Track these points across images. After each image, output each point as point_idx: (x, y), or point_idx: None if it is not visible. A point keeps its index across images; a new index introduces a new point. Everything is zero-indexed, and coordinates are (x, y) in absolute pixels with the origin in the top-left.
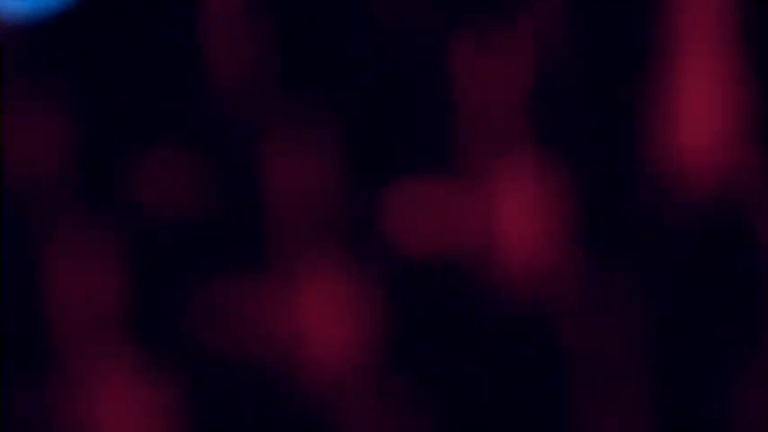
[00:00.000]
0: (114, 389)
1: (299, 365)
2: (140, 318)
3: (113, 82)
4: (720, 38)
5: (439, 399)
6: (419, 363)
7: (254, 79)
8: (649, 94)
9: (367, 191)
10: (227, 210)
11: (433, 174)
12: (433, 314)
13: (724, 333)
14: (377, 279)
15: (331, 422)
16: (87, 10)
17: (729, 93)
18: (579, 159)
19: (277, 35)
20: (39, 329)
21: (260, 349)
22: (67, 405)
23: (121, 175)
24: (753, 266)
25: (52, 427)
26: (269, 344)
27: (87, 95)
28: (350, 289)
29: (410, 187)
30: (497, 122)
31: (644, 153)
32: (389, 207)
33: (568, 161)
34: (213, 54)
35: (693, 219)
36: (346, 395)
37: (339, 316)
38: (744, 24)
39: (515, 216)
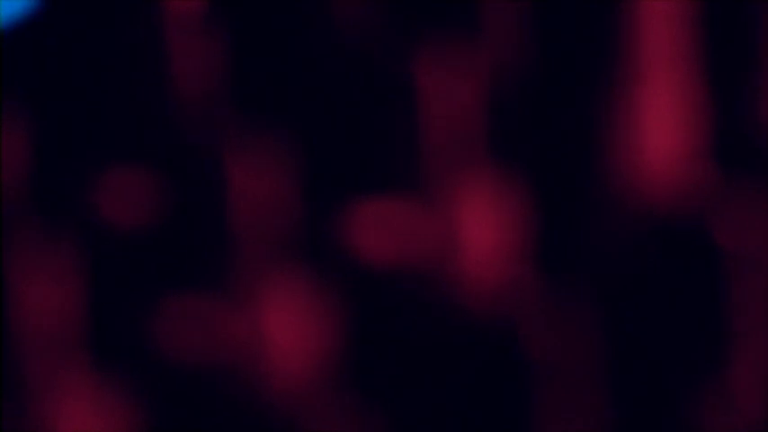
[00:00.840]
0: (74, 406)
1: (261, 380)
2: (100, 334)
3: (72, 96)
4: (681, 53)
5: (401, 411)
6: (381, 376)
7: (214, 95)
8: (609, 110)
9: (327, 205)
10: (187, 224)
11: (393, 188)
12: (395, 328)
13: (684, 347)
14: (338, 293)
15: None
16: (48, 24)
17: (689, 108)
18: (538, 174)
19: (237, 51)
20: None
21: (222, 364)
22: (26, 422)
23: (80, 191)
24: (712, 281)
25: None
26: (231, 358)
27: (46, 110)
28: (311, 303)
29: (371, 202)
30: (457, 138)
31: (603, 168)
32: (350, 221)
33: (528, 176)
34: (172, 69)
35: (653, 233)
36: (309, 408)
37: (301, 330)
38: (704, 40)
39: (476, 230)
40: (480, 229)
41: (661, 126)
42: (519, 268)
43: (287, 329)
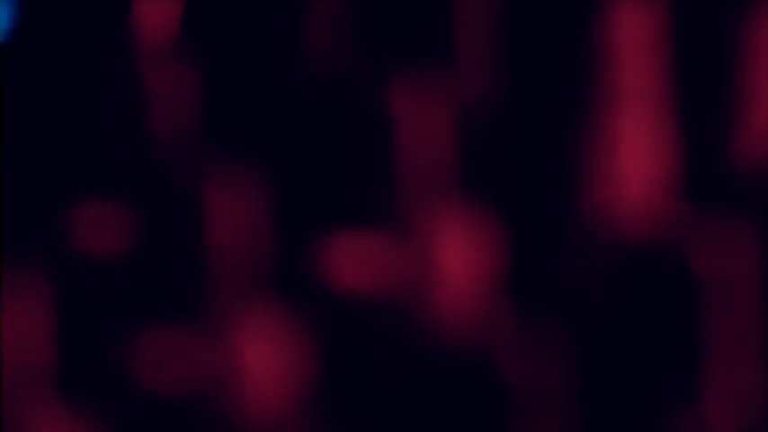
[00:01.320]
0: None
1: (236, 410)
2: (72, 366)
3: (45, 127)
4: (654, 83)
5: None
6: (355, 406)
7: (188, 128)
8: (583, 141)
9: (302, 237)
10: (162, 256)
11: (367, 220)
12: (369, 358)
13: (658, 376)
14: (313, 324)
15: None
16: (21, 55)
17: (662, 144)
18: (512, 206)
19: (210, 83)
20: None
21: (196, 394)
22: None
23: (54, 222)
24: (684, 314)
25: None
26: (205, 389)
27: (19, 141)
28: (286, 334)
29: (345, 234)
30: (431, 169)
31: (577, 199)
32: (324, 253)
33: (502, 207)
34: (145, 102)
35: (626, 263)
36: None
37: (276, 361)
38: (678, 71)
39: (449, 261)
40: (453, 261)
41: (635, 156)
42: (493, 299)
43: (262, 360)
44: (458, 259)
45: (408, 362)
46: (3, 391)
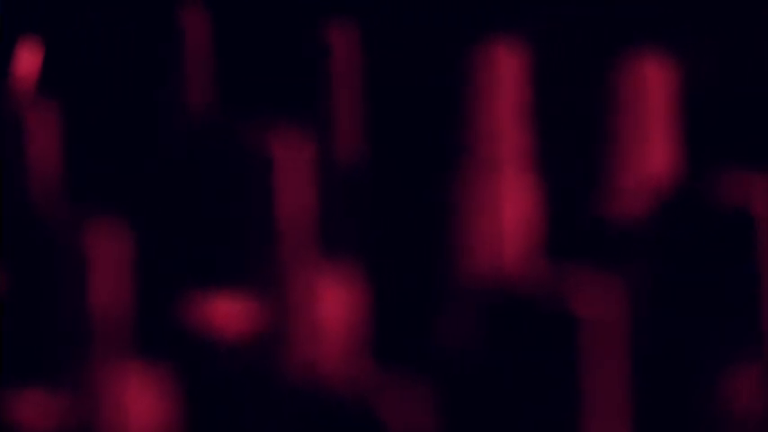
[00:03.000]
0: None
1: None
2: None
3: None
4: (525, 148)
5: None
6: None
7: (47, 191)
8: (451, 207)
9: (167, 292)
10: (26, 314)
11: (233, 276)
12: (233, 414)
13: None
14: (178, 379)
15: None
16: None
17: (533, 202)
18: (378, 265)
19: (72, 139)
20: None
21: None
22: None
23: None
24: (557, 379)
25: None
26: None
27: None
28: (151, 388)
29: (210, 290)
30: (298, 228)
31: (448, 262)
32: (189, 309)
33: (371, 267)
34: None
35: (498, 323)
36: None
37: (141, 416)
38: (548, 135)
39: (314, 319)
40: (319, 317)
41: (506, 216)
42: (359, 357)
43: (130, 414)
44: (324, 316)
45: (274, 419)
46: None
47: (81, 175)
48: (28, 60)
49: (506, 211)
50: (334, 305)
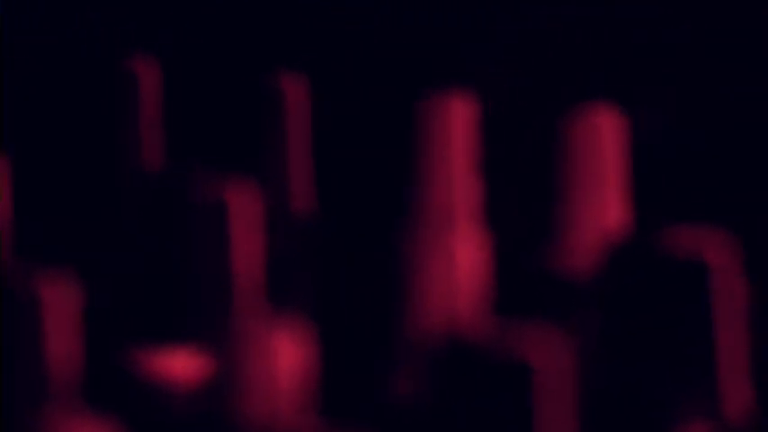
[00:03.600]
0: None
1: None
2: None
3: None
4: (474, 204)
5: None
6: None
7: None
8: (403, 260)
9: (115, 347)
10: None
11: (179, 332)
12: None
13: None
14: (127, 430)
15: None
16: None
17: (480, 259)
18: (325, 319)
19: (23, 198)
20: None
21: None
22: None
23: None
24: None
25: None
26: None
27: None
28: None
29: (155, 345)
30: (245, 285)
31: (397, 317)
32: (134, 365)
33: (321, 324)
34: None
35: (448, 382)
36: None
37: None
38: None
39: (262, 379)
40: (267, 372)
41: (458, 269)
42: (308, 415)
43: None
44: (274, 369)
45: None
46: None
47: (32, 226)
48: None
49: (458, 264)
50: (284, 358)
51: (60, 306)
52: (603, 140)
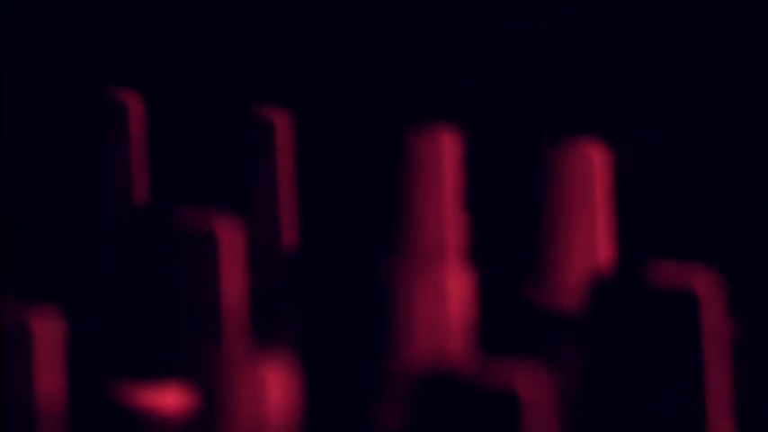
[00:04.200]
0: None
1: None
2: None
3: None
4: (461, 239)
5: None
6: None
7: None
8: (390, 294)
9: (103, 383)
10: None
11: (166, 367)
12: None
13: None
14: None
15: None
16: None
17: (467, 294)
18: (317, 358)
19: (7, 230)
20: None
21: None
22: None
23: None
24: None
25: None
26: None
27: None
28: None
29: (137, 383)
30: (230, 320)
31: (383, 352)
32: (117, 401)
33: (307, 359)
34: None
35: (435, 416)
36: None
37: None
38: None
39: (248, 414)
40: (252, 407)
41: (446, 304)
42: None
43: None
44: (260, 404)
45: None
46: None
47: (17, 260)
48: None
49: (445, 298)
50: (271, 391)
51: (46, 340)
52: (592, 172)
